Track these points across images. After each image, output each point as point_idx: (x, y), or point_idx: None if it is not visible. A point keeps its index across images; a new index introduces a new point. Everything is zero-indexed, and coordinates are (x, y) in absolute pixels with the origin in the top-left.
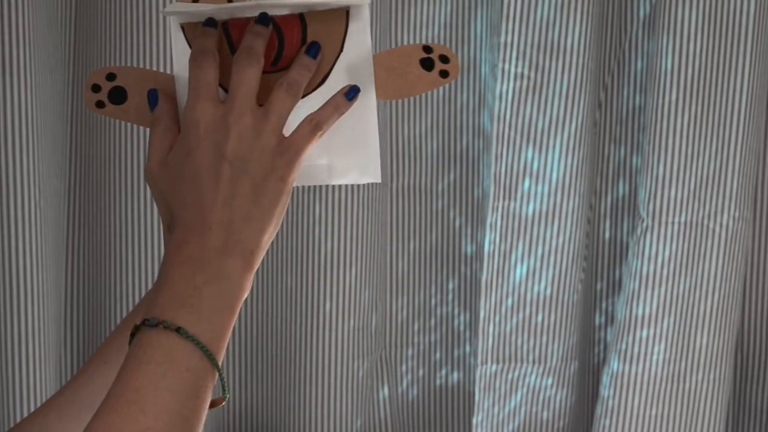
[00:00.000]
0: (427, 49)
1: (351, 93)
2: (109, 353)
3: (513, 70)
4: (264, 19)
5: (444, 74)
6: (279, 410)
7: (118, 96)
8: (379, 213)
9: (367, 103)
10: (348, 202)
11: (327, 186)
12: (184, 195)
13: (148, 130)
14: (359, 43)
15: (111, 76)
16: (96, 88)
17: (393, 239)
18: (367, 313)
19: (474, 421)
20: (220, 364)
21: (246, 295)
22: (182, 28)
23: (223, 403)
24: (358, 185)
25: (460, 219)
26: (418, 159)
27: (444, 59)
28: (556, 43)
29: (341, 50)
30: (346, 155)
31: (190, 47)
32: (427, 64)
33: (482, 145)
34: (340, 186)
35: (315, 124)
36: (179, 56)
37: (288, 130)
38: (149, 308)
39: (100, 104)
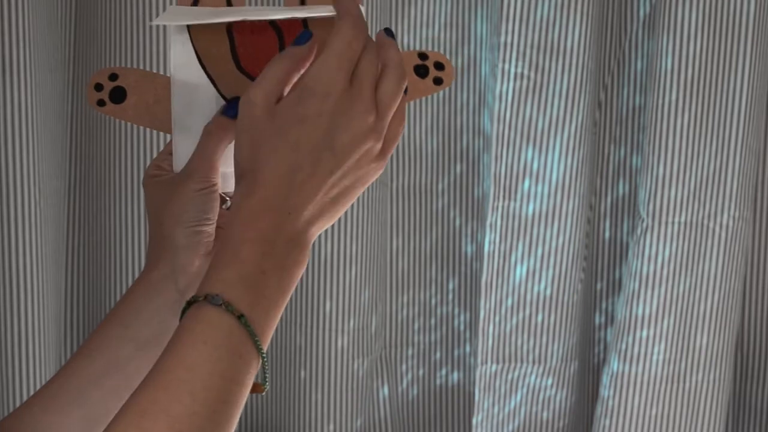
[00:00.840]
0: (423, 56)
1: (388, 32)
2: (95, 346)
3: (513, 70)
4: (389, 32)
5: (438, 81)
6: (279, 409)
7: (119, 96)
8: (379, 213)
9: None
10: None
11: None
12: (277, 156)
13: (149, 130)
14: None
15: (113, 77)
16: (99, 87)
17: (393, 239)
18: (367, 313)
19: (474, 421)
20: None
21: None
22: (188, 28)
23: (264, 392)
24: None
25: (460, 219)
26: (419, 159)
27: (439, 66)
28: (556, 43)
29: None
30: None
31: (194, 47)
32: (421, 71)
33: (482, 145)
34: None
35: (401, 115)
36: (177, 58)
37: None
38: (212, 280)
39: (101, 103)
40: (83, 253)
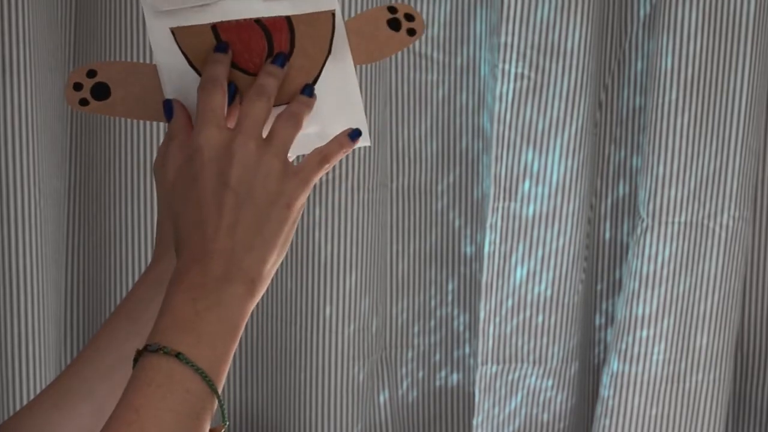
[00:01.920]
0: (392, 9)
1: (354, 134)
2: (102, 341)
3: (513, 70)
4: (280, 59)
5: (411, 32)
6: (279, 414)
7: (102, 92)
8: (379, 215)
9: (346, 69)
10: (348, 204)
11: (327, 188)
12: (188, 220)
13: (148, 130)
14: (337, 23)
15: (92, 73)
16: (78, 87)
17: (393, 240)
18: (367, 317)
19: (474, 422)
20: (220, 389)
21: (245, 321)
22: (173, 32)
23: (223, 431)
24: (358, 186)
25: (460, 220)
26: (418, 160)
27: (409, 18)
28: (557, 44)
29: (329, 52)
30: (336, 121)
31: (181, 49)
32: (393, 25)
33: (482, 146)
34: (339, 188)
35: (323, 157)
36: (159, 43)
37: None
38: (152, 333)
39: (83, 102)
40: (83, 253)
